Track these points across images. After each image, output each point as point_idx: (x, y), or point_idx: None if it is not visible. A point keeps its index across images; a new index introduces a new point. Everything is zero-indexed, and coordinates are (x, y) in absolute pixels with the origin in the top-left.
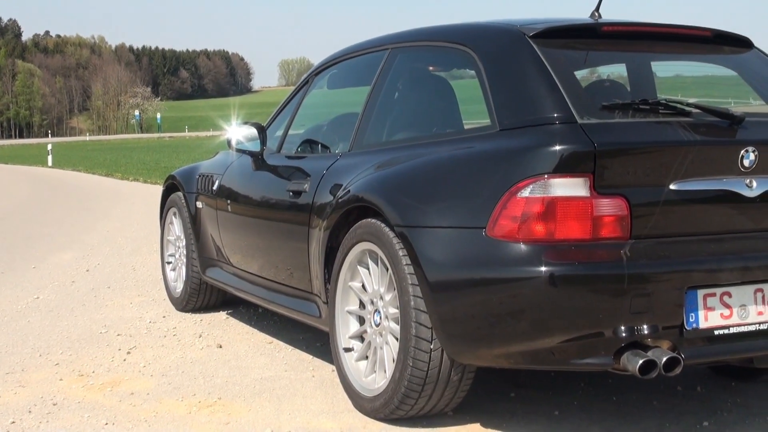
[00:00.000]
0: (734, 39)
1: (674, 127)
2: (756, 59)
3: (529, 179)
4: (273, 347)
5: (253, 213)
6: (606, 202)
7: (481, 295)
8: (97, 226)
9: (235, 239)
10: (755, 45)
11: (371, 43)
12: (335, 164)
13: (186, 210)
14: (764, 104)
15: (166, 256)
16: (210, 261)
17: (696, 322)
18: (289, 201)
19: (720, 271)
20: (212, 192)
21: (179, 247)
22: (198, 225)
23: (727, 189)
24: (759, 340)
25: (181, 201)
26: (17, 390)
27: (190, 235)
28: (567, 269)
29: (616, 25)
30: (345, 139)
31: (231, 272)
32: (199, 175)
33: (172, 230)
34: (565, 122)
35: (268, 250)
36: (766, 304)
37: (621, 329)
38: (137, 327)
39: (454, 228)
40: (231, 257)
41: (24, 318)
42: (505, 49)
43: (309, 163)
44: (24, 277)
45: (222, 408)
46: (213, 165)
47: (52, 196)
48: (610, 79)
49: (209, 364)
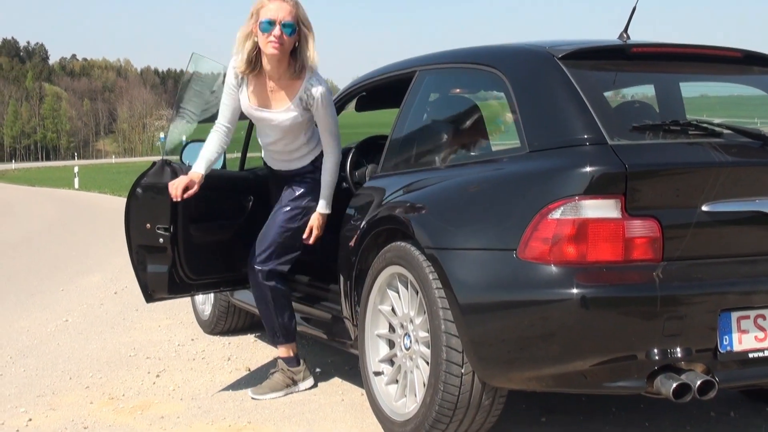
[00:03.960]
0: (765, 59)
1: (705, 148)
2: None
3: (560, 201)
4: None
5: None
6: (638, 224)
7: (513, 318)
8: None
9: None
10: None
11: (399, 65)
12: (365, 186)
13: None
14: None
15: None
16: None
17: (730, 344)
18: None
19: (754, 294)
20: None
21: None
22: None
23: (760, 210)
24: None
25: None
26: (48, 413)
27: None
28: (599, 291)
29: (645, 47)
30: (374, 160)
31: None
32: None
33: None
34: (596, 143)
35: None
36: None
37: (654, 352)
38: (166, 350)
39: (485, 250)
40: None
41: (54, 341)
42: (534, 71)
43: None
44: (53, 299)
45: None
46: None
47: (79, 218)
48: (639, 100)
49: (238, 388)
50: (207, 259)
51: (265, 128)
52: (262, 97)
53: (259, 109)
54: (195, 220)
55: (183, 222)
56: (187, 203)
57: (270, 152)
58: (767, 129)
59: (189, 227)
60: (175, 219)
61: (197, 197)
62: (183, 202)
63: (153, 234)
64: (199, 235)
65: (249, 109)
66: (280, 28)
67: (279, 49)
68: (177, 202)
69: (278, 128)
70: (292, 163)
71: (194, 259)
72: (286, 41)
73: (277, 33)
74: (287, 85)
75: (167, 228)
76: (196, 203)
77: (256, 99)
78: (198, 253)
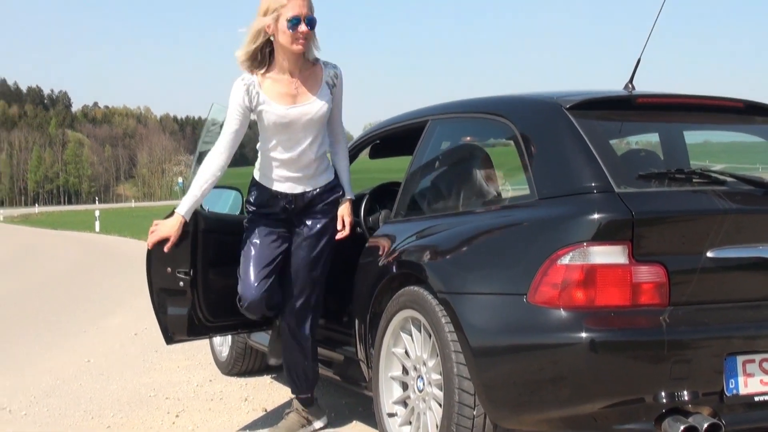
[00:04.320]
0: (766, 110)
1: (710, 196)
2: None
3: (568, 247)
4: None
5: None
6: (644, 270)
7: (523, 361)
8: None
9: None
10: None
11: (411, 115)
12: (379, 232)
13: None
14: None
15: None
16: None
17: (736, 388)
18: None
19: (759, 338)
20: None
21: None
22: None
23: (764, 256)
24: None
25: None
26: None
27: None
28: (607, 335)
29: (650, 97)
30: (387, 206)
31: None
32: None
33: None
34: (603, 191)
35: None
36: None
37: (662, 395)
38: (185, 390)
39: (496, 294)
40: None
41: (76, 381)
42: (542, 121)
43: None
44: (75, 340)
45: None
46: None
47: (100, 261)
48: (645, 148)
49: (255, 428)
50: (225, 302)
51: (298, 132)
52: (291, 94)
53: (295, 107)
54: (214, 264)
55: (202, 266)
56: (206, 248)
57: (297, 168)
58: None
59: (208, 271)
60: (194, 263)
61: (216, 242)
62: (202, 247)
63: (173, 278)
64: (217, 278)
65: (282, 112)
66: (305, 23)
67: (305, 46)
68: (197, 247)
69: (314, 123)
70: (319, 178)
71: (213, 302)
72: (310, 36)
73: (303, 29)
74: (310, 74)
75: (187, 272)
76: (215, 248)
77: (286, 99)
78: (216, 296)
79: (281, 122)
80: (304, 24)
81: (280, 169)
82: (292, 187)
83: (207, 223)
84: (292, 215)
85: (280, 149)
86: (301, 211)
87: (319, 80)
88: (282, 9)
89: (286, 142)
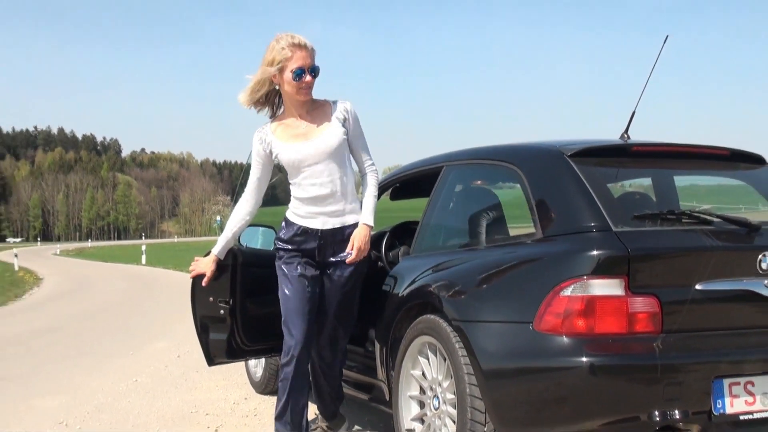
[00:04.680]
0: (749, 156)
1: (698, 235)
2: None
3: (570, 280)
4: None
5: None
6: (639, 301)
7: (529, 383)
8: (185, 318)
9: None
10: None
11: (428, 161)
12: (399, 266)
13: None
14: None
15: None
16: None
17: (723, 408)
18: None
19: (744, 363)
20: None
21: None
22: None
23: (748, 289)
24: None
25: None
26: None
27: None
28: (606, 360)
29: (644, 146)
30: (407, 242)
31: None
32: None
33: None
34: (602, 230)
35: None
36: None
37: (655, 414)
38: (223, 407)
39: (505, 323)
40: None
41: (125, 398)
42: (547, 167)
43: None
44: (124, 362)
45: None
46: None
47: (146, 290)
48: (639, 191)
49: None
50: (261, 328)
51: (317, 167)
52: (302, 134)
53: (306, 143)
54: (251, 295)
55: (241, 296)
56: (244, 280)
57: (325, 203)
58: (752, 216)
59: (246, 301)
60: (234, 293)
61: (253, 275)
62: (240, 279)
63: (215, 306)
64: (254, 307)
65: (296, 149)
66: (309, 74)
67: (309, 94)
68: (236, 279)
69: (330, 157)
70: (348, 216)
71: (250, 328)
72: (313, 84)
73: (308, 80)
74: (319, 113)
75: (227, 301)
76: (252, 280)
77: (298, 138)
78: (253, 323)
79: (297, 158)
80: (308, 74)
81: (309, 206)
82: (322, 223)
83: (245, 258)
84: (323, 255)
85: (306, 186)
86: (331, 251)
87: (328, 116)
88: (287, 61)
89: (309, 179)
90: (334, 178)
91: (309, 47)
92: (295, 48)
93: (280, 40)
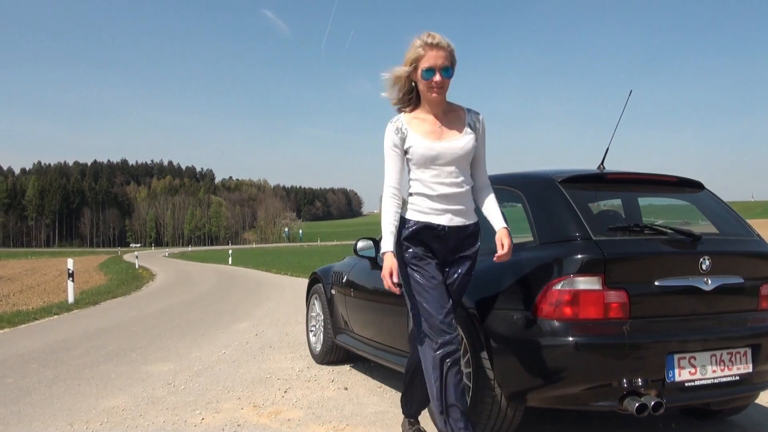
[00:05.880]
0: (691, 183)
1: (657, 242)
2: (706, 197)
3: (560, 277)
4: (382, 390)
5: (369, 298)
6: (613, 294)
7: (529, 357)
8: (262, 305)
9: (357, 315)
10: (706, 187)
11: None
12: None
13: (324, 295)
14: (711, 225)
15: (309, 326)
16: (339, 330)
17: (673, 377)
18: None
19: (688, 342)
20: (342, 283)
21: (318, 320)
22: (332, 305)
23: (692, 285)
24: (714, 390)
25: (321, 289)
26: (214, 415)
27: (326, 312)
28: (587, 339)
29: (616, 174)
30: None
31: (353, 337)
32: (333, 272)
33: (314, 309)
34: (584, 239)
35: (380, 323)
36: (719, 365)
37: (623, 381)
38: (290, 374)
39: (510, 310)
40: (354, 327)
41: (217, 366)
42: (542, 190)
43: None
44: (216, 338)
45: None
46: (343, 265)
47: (232, 284)
48: (612, 209)
49: (339, 401)
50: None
51: (447, 167)
52: (437, 132)
53: (440, 142)
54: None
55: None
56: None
57: (452, 200)
58: (694, 228)
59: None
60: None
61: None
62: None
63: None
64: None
65: (430, 145)
66: (440, 74)
67: (441, 93)
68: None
69: (460, 160)
70: (470, 215)
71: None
72: (446, 84)
73: (437, 80)
74: (454, 117)
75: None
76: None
77: (433, 135)
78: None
79: (429, 154)
80: (438, 74)
81: (435, 203)
82: (449, 219)
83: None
84: (447, 251)
85: (433, 184)
86: (454, 247)
87: (462, 122)
88: (420, 60)
89: (438, 177)
90: (461, 180)
91: (445, 47)
92: (428, 47)
93: (418, 38)
